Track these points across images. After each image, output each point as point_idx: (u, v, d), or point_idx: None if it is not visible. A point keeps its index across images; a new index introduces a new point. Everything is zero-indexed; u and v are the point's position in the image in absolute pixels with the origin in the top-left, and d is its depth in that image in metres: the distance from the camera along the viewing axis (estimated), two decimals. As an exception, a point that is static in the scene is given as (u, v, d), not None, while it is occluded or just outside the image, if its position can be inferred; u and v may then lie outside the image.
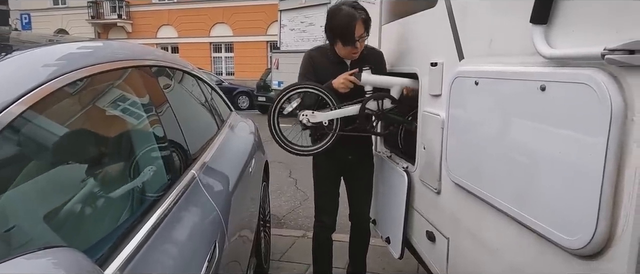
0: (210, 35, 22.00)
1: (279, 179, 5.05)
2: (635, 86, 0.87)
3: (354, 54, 2.05)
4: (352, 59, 2.08)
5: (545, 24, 1.10)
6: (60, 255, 0.58)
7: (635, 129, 0.87)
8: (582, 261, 1.01)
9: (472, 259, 1.56)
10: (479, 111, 1.44)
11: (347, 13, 1.94)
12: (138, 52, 1.52)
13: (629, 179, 0.89)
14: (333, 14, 1.99)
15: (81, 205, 0.90)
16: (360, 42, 2.00)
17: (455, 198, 1.65)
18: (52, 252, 0.58)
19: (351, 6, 1.96)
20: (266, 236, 2.79)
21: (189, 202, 1.27)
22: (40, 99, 0.84)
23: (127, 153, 1.20)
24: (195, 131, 1.80)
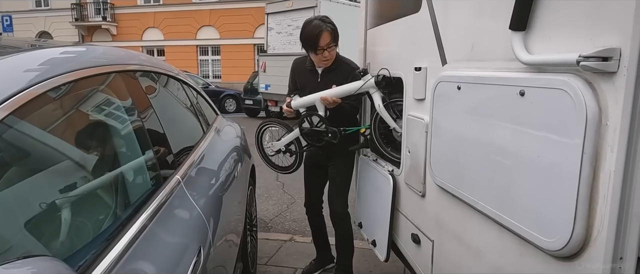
0: (197, 38, 21.84)
1: (266, 183, 5.04)
2: (608, 91, 0.90)
3: (324, 62, 2.36)
4: (322, 66, 2.40)
5: (524, 31, 1.12)
6: (40, 264, 0.58)
7: (609, 133, 0.90)
8: (561, 262, 1.03)
9: (456, 262, 1.58)
10: (461, 115, 1.46)
11: (315, 25, 2.28)
12: (122, 57, 1.51)
13: (603, 182, 0.91)
14: (304, 26, 2.35)
15: (63, 212, 0.90)
16: (328, 52, 2.30)
17: (439, 201, 1.67)
18: (31, 261, 0.58)
19: (320, 20, 2.30)
20: (253, 240, 2.78)
21: (172, 207, 1.26)
22: (22, 104, 0.84)
23: (110, 159, 1.19)
24: (180, 136, 1.80)
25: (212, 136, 2.22)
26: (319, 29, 2.25)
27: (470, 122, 1.40)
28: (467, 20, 1.47)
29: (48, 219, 0.85)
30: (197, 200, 1.45)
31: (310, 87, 2.41)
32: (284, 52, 10.44)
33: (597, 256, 0.93)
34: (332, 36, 2.28)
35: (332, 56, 2.35)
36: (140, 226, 1.03)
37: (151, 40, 22.45)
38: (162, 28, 22.19)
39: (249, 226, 2.60)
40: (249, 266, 2.54)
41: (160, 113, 1.58)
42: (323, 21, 2.28)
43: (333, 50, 2.33)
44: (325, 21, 2.29)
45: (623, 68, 0.86)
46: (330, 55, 2.33)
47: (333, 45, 2.30)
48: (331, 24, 2.30)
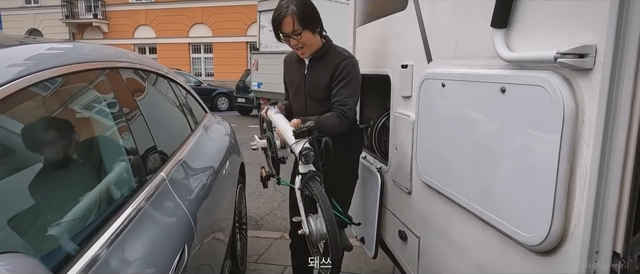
0: (189, 36, 21.72)
1: (257, 181, 5.00)
2: (585, 88, 0.91)
3: (299, 52, 1.94)
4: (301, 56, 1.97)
5: (505, 28, 1.14)
6: (12, 261, 0.57)
7: (585, 129, 0.91)
8: (540, 257, 1.05)
9: (442, 257, 1.59)
10: (446, 112, 1.47)
11: (278, 7, 1.88)
12: (110, 55, 1.50)
13: (580, 178, 0.93)
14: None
15: (41, 208, 0.89)
16: (295, 39, 1.86)
17: (425, 198, 1.68)
18: (3, 257, 0.57)
19: (287, 2, 1.84)
20: (243, 238, 2.78)
21: (156, 205, 1.26)
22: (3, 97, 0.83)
23: (93, 155, 1.18)
24: (167, 133, 1.79)
25: (200, 134, 2.21)
26: (279, 12, 1.85)
27: (454, 119, 1.41)
28: (451, 18, 1.48)
29: (25, 215, 0.84)
30: (182, 198, 1.45)
31: (298, 82, 2.03)
32: (276, 50, 10.40)
33: (574, 250, 0.95)
34: (297, 21, 1.81)
35: (307, 44, 1.89)
36: (121, 224, 1.03)
37: (143, 38, 22.28)
38: (154, 26, 22.03)
39: (238, 224, 2.60)
40: (238, 264, 2.54)
41: (147, 111, 1.57)
42: (289, 3, 1.83)
43: (304, 38, 1.86)
44: (291, 3, 1.83)
45: (598, 65, 0.88)
46: (299, 43, 1.88)
47: (300, 31, 1.83)
48: (298, 6, 1.82)
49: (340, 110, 1.87)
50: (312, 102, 2.00)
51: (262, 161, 2.06)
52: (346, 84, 1.88)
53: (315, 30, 1.88)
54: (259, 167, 1.91)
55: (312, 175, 1.53)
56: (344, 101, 1.87)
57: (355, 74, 1.91)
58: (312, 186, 1.50)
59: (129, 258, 0.98)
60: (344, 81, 1.88)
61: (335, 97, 1.89)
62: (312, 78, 1.97)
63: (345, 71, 1.89)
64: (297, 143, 1.55)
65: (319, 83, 1.94)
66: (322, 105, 1.94)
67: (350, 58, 1.93)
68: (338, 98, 1.88)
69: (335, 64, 1.90)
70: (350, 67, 1.90)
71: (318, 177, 1.55)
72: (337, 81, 1.89)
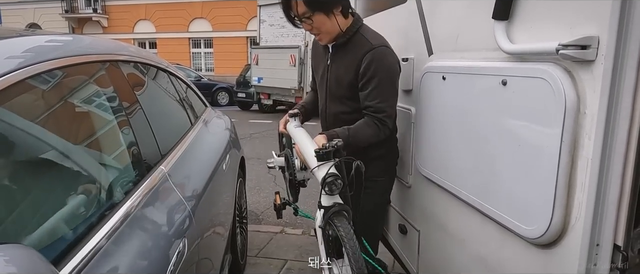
0: (189, 31, 21.64)
1: (257, 175, 5.04)
2: (587, 80, 0.91)
3: (317, 37, 1.67)
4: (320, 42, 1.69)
5: (506, 20, 1.13)
6: (12, 252, 0.57)
7: (587, 121, 0.91)
8: (540, 249, 1.05)
9: (441, 251, 1.59)
10: (446, 106, 1.46)
11: None
12: (110, 48, 1.49)
13: (581, 170, 0.92)
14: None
15: (41, 201, 0.89)
16: (307, 24, 1.59)
17: (425, 191, 1.68)
18: (3, 248, 0.57)
19: None
20: (243, 232, 2.78)
21: (156, 198, 1.26)
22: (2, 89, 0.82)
23: (93, 148, 1.18)
24: (167, 127, 1.79)
25: (200, 128, 2.21)
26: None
27: (454, 112, 1.40)
28: (452, 11, 1.47)
29: (25, 208, 0.84)
30: (182, 191, 1.45)
31: (321, 72, 1.74)
32: (276, 44, 10.38)
33: (574, 243, 0.95)
34: (304, 2, 1.52)
35: (322, 30, 1.59)
36: (121, 217, 1.02)
37: (143, 33, 22.21)
38: (153, 20, 21.95)
39: (238, 218, 2.61)
40: (238, 257, 2.55)
41: (147, 104, 1.57)
42: None
43: (316, 22, 1.56)
44: None
45: (601, 56, 0.87)
46: (313, 28, 1.59)
47: (309, 14, 1.54)
48: None
49: (376, 118, 1.53)
50: (332, 101, 1.70)
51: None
52: (377, 84, 1.52)
53: (330, 12, 1.54)
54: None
55: (338, 210, 1.24)
56: (378, 107, 1.53)
57: (387, 68, 1.54)
58: (338, 224, 1.21)
59: (128, 251, 0.98)
60: (374, 81, 1.52)
61: (366, 101, 1.55)
62: (333, 71, 1.66)
63: (372, 67, 1.52)
64: (321, 167, 1.26)
65: (340, 79, 1.62)
66: (343, 105, 1.64)
67: (379, 48, 1.54)
68: (370, 103, 1.54)
69: (359, 57, 1.54)
70: (379, 61, 1.53)
71: (346, 213, 1.25)
72: (363, 80, 1.55)
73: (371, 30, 1.64)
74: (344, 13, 1.58)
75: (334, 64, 1.66)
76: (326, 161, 1.27)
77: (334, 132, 1.50)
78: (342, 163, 1.28)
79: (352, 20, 1.62)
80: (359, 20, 1.63)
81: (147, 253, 1.06)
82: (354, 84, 1.59)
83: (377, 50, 1.54)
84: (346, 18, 1.60)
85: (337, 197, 1.28)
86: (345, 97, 1.63)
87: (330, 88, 1.68)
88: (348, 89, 1.61)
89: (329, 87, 1.69)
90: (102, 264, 0.86)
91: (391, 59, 1.58)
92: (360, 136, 1.53)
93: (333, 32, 1.60)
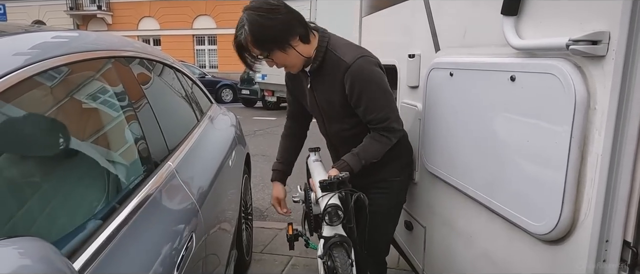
0: (193, 28, 21.69)
1: (262, 172, 5.05)
2: (597, 75, 0.90)
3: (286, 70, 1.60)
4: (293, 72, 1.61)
5: (515, 16, 1.12)
6: (26, 244, 0.58)
7: (597, 117, 0.90)
8: (549, 245, 1.04)
9: (447, 247, 1.59)
10: (453, 102, 1.46)
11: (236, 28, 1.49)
12: (116, 44, 1.50)
13: (591, 166, 0.92)
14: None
15: (51, 196, 0.90)
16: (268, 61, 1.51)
17: (431, 188, 1.68)
18: (17, 241, 0.58)
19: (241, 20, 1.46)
20: (248, 228, 2.79)
21: (164, 193, 1.26)
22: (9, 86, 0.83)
23: (100, 144, 1.18)
24: (173, 123, 1.79)
25: (206, 124, 2.22)
26: (235, 36, 1.49)
27: (461, 109, 1.40)
28: (460, 6, 1.46)
29: (37, 202, 0.85)
30: (189, 187, 1.45)
31: (309, 100, 1.66)
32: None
33: (583, 239, 0.94)
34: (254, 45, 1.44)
35: (286, 63, 1.51)
36: (131, 211, 1.03)
37: (147, 30, 22.27)
38: (157, 17, 22.00)
39: (244, 214, 2.61)
40: (244, 253, 2.56)
41: (154, 100, 1.57)
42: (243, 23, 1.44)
43: (276, 59, 1.49)
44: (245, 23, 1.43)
45: (612, 52, 0.86)
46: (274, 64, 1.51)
47: (265, 53, 1.46)
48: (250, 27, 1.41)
49: (381, 128, 1.51)
50: (331, 122, 1.66)
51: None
52: (369, 99, 1.47)
53: (286, 46, 1.45)
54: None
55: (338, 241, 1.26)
56: (380, 118, 1.49)
57: (370, 80, 1.47)
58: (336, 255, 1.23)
59: (139, 245, 0.99)
60: (364, 98, 1.47)
61: (366, 117, 1.52)
62: (321, 96, 1.60)
63: (356, 86, 1.46)
64: (324, 197, 1.28)
65: (331, 102, 1.57)
66: (342, 123, 1.61)
67: (354, 63, 1.45)
68: (371, 118, 1.51)
69: (340, 79, 1.48)
70: (359, 77, 1.46)
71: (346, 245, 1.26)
72: (354, 100, 1.50)
73: (340, 43, 1.54)
74: (303, 40, 1.48)
75: (317, 89, 1.59)
76: (330, 191, 1.30)
77: (345, 162, 1.48)
78: (347, 195, 1.29)
79: (316, 40, 1.52)
80: (324, 37, 1.52)
81: (157, 247, 1.06)
82: (345, 104, 1.54)
83: (353, 67, 1.45)
84: (309, 42, 1.50)
85: (340, 229, 1.29)
86: (341, 115, 1.59)
87: (324, 110, 1.64)
88: (341, 109, 1.56)
89: (323, 110, 1.64)
90: (113, 257, 0.87)
91: (370, 67, 1.49)
92: (372, 152, 1.51)
93: (298, 63, 1.52)
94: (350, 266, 1.19)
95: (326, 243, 1.26)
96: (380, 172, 1.61)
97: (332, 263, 1.23)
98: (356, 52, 1.49)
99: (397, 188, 1.69)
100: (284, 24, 1.43)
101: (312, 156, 1.73)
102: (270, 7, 1.41)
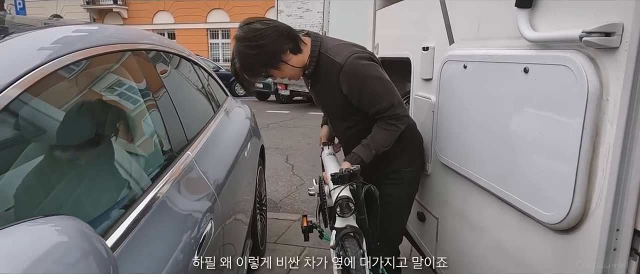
0: (207, 21, 21.83)
1: (276, 165, 5.10)
2: (610, 67, 0.91)
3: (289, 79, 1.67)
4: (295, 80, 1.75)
5: (529, 8, 1.13)
6: (63, 222, 0.62)
7: (609, 108, 0.91)
8: (560, 235, 1.06)
9: (460, 238, 1.61)
10: (467, 94, 1.47)
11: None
12: (134, 36, 1.54)
13: (603, 156, 0.93)
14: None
15: (82, 182, 0.94)
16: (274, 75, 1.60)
17: (444, 179, 1.70)
18: (54, 219, 0.62)
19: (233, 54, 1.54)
20: (263, 219, 2.84)
21: (186, 181, 1.31)
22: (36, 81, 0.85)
23: (123, 134, 1.23)
24: (191, 114, 1.84)
25: (222, 116, 2.26)
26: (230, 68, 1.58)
27: (475, 101, 1.41)
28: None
29: (67, 189, 0.90)
30: (208, 176, 1.50)
31: (314, 98, 1.76)
32: (294, 35, 10.37)
33: (594, 228, 0.96)
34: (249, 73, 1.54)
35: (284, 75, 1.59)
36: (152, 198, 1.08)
37: (162, 24, 22.47)
38: (172, 11, 22.19)
39: (258, 205, 2.66)
40: (258, 243, 2.61)
41: (172, 92, 1.61)
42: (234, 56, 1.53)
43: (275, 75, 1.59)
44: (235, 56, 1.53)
45: (625, 43, 0.87)
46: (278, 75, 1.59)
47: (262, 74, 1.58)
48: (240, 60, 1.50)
49: (387, 117, 1.53)
50: (335, 120, 1.74)
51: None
52: (369, 93, 1.51)
53: (279, 63, 1.52)
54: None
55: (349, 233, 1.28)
56: (383, 108, 1.52)
57: (363, 75, 1.50)
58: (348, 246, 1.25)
59: (162, 226, 1.04)
60: (364, 93, 1.51)
61: (371, 110, 1.54)
62: (322, 97, 1.67)
63: (353, 84, 1.50)
64: (335, 190, 1.32)
65: (333, 103, 1.63)
66: (347, 121, 1.65)
67: (346, 63, 1.48)
68: (375, 109, 1.53)
69: (335, 81, 1.52)
70: (353, 75, 1.49)
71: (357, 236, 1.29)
72: (354, 98, 1.54)
73: (332, 44, 1.57)
74: (294, 52, 1.53)
75: (318, 91, 1.66)
76: (341, 184, 1.33)
77: (356, 155, 1.52)
78: (358, 188, 1.32)
79: (309, 47, 1.56)
80: (316, 42, 1.56)
81: (179, 232, 1.11)
82: (346, 103, 1.57)
83: (345, 67, 1.48)
84: (301, 52, 1.54)
85: (351, 220, 1.32)
86: (344, 114, 1.63)
87: (328, 110, 1.72)
88: (344, 108, 1.60)
89: (327, 109, 1.73)
90: (140, 239, 0.92)
91: (361, 63, 1.50)
92: (381, 141, 1.54)
93: (295, 73, 1.58)
94: (361, 255, 1.23)
95: (338, 234, 1.29)
96: (390, 164, 1.65)
97: (344, 253, 1.26)
98: (347, 52, 1.51)
99: (409, 179, 1.71)
100: (270, 46, 1.47)
101: (326, 149, 1.77)
102: (255, 34, 1.46)
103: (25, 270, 0.52)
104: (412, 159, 1.72)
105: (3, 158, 0.78)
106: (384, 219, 1.51)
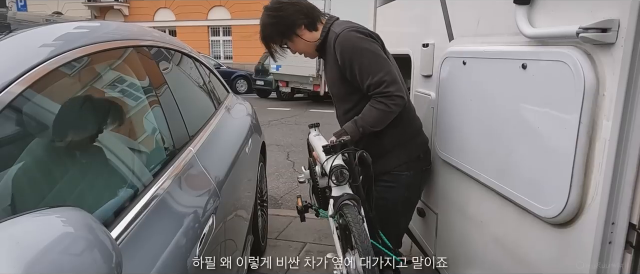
0: (208, 18, 21.81)
1: (276, 161, 5.12)
2: (607, 63, 0.92)
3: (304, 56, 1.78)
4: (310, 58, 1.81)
5: (527, 5, 1.14)
6: (68, 214, 0.63)
7: (605, 103, 0.93)
8: (556, 229, 1.07)
9: (459, 233, 1.62)
10: (466, 90, 1.49)
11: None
12: (136, 33, 1.55)
13: (599, 151, 0.94)
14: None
15: (86, 176, 0.96)
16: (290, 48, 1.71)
17: (444, 175, 1.71)
18: (59, 210, 0.63)
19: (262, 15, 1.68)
20: (263, 215, 2.86)
21: (188, 177, 1.32)
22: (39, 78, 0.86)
23: (125, 130, 1.24)
24: (193, 111, 1.85)
25: (224, 113, 2.27)
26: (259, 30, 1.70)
27: (474, 97, 1.42)
28: (474, -4, 1.48)
29: (69, 184, 0.91)
30: (209, 172, 1.51)
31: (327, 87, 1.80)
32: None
33: (590, 222, 0.97)
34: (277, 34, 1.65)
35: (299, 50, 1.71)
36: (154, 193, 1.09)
37: (163, 21, 22.45)
38: (173, 8, 22.17)
39: (259, 201, 2.68)
40: (259, 239, 2.62)
41: (174, 88, 1.63)
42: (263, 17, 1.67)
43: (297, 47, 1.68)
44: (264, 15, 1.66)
45: (621, 39, 0.88)
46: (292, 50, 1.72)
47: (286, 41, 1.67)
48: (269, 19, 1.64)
49: (378, 94, 1.50)
50: (337, 102, 1.75)
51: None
52: (360, 65, 1.51)
53: (292, 36, 1.63)
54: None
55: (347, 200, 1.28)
56: (375, 83, 1.49)
57: (356, 46, 1.51)
58: (347, 212, 1.24)
59: (164, 221, 1.05)
60: (356, 64, 1.51)
61: (363, 85, 1.53)
62: (328, 77, 1.72)
63: (346, 54, 1.52)
64: (328, 160, 1.33)
65: (333, 79, 1.67)
66: (346, 102, 1.66)
67: (341, 34, 1.53)
68: (367, 84, 1.52)
69: (333, 52, 1.57)
70: (346, 44, 1.52)
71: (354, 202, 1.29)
72: (348, 70, 1.55)
73: (342, 21, 1.64)
74: (309, 28, 1.64)
75: (326, 71, 1.74)
76: (333, 154, 1.35)
77: (343, 130, 1.55)
78: (350, 156, 1.34)
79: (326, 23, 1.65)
80: (329, 20, 1.66)
81: (180, 226, 1.12)
82: (343, 78, 1.59)
83: (340, 37, 1.54)
84: (316, 29, 1.64)
85: (347, 189, 1.33)
86: (344, 94, 1.65)
87: (332, 91, 1.75)
88: (341, 85, 1.63)
89: (331, 91, 1.76)
90: (142, 232, 0.93)
91: (356, 34, 1.53)
92: (370, 119, 1.51)
93: (308, 49, 1.68)
94: (361, 220, 1.23)
95: (336, 203, 1.30)
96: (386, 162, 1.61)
97: (344, 221, 1.26)
98: (346, 25, 1.59)
99: (405, 183, 1.64)
100: (287, 18, 1.62)
101: (313, 131, 1.77)
102: (276, 5, 1.64)
103: (34, 257, 0.53)
104: (410, 161, 1.65)
105: (7, 153, 0.79)
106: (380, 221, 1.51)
